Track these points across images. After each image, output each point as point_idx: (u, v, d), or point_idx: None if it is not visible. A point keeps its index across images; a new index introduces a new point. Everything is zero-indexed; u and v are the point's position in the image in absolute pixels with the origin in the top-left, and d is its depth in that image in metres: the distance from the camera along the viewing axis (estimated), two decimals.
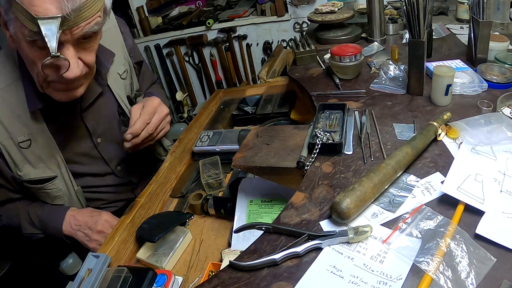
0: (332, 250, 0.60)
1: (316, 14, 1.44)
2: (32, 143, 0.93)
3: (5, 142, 0.90)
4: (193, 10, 3.09)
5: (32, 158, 0.94)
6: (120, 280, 0.74)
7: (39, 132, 0.93)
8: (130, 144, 0.94)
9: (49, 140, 0.95)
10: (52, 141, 0.96)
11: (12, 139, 0.90)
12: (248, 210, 0.88)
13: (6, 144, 0.90)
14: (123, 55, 1.12)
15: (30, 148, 0.93)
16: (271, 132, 0.90)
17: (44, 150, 0.95)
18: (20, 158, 0.93)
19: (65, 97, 0.87)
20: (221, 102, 1.48)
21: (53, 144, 0.96)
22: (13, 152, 0.92)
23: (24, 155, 0.93)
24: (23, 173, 0.94)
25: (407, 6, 0.89)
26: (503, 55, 1.01)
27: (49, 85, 0.84)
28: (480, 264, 0.53)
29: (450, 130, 0.78)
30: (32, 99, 0.90)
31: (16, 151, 0.92)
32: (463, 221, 0.60)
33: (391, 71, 1.04)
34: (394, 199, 0.67)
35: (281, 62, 1.66)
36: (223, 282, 0.59)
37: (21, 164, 0.93)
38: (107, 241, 0.84)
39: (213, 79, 3.07)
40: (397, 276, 0.54)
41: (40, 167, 0.96)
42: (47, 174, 0.97)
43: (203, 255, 0.86)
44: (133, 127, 0.93)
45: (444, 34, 1.30)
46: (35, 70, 0.82)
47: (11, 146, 0.91)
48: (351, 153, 0.79)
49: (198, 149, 1.16)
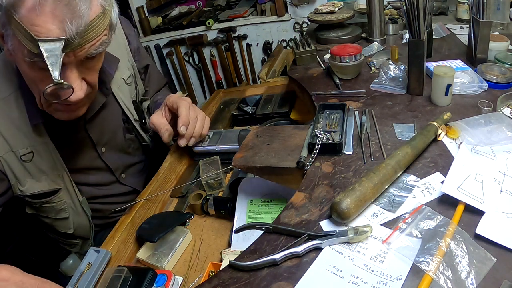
0: (332, 250, 0.60)
1: (316, 14, 1.44)
2: (35, 156, 0.89)
3: (6, 156, 0.86)
4: (193, 10, 3.09)
5: (35, 171, 0.91)
6: (120, 280, 0.74)
7: (42, 144, 0.90)
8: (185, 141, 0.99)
9: (53, 152, 0.92)
10: (56, 153, 0.92)
11: (14, 152, 0.87)
12: (248, 210, 0.88)
13: (7, 158, 0.86)
14: (127, 58, 1.09)
15: (32, 161, 0.89)
16: (271, 132, 0.90)
17: (47, 163, 0.92)
18: (22, 172, 0.89)
19: (66, 117, 0.85)
20: (221, 102, 1.48)
21: (57, 156, 0.93)
22: (14, 166, 0.88)
23: (27, 168, 0.89)
24: (26, 187, 0.90)
25: (407, 6, 0.89)
26: (503, 55, 1.01)
27: (50, 105, 0.81)
28: (480, 264, 0.53)
29: (450, 130, 0.78)
30: (33, 113, 0.86)
31: (18, 165, 0.88)
32: (463, 221, 0.60)
33: (391, 71, 1.04)
34: (394, 199, 0.67)
35: (281, 62, 1.66)
36: (223, 282, 0.59)
37: (23, 179, 0.89)
38: (107, 241, 0.84)
39: (213, 79, 3.07)
40: (397, 276, 0.54)
41: (43, 180, 0.92)
42: (51, 187, 0.93)
43: (203, 255, 0.86)
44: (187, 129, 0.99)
45: (444, 34, 1.30)
46: (35, 90, 0.79)
47: (12, 159, 0.87)
48: (351, 153, 0.79)
49: (198, 149, 1.16)
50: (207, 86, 3.12)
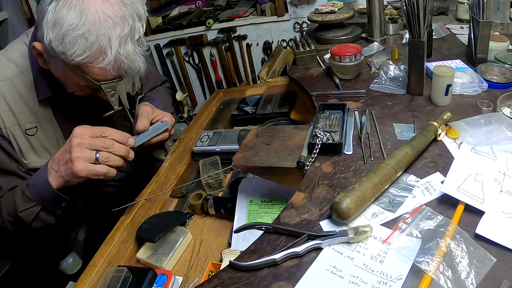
0: (332, 250, 0.60)
1: (316, 14, 1.44)
2: (38, 131, 0.94)
3: (12, 128, 0.91)
4: (193, 10, 3.08)
5: (38, 146, 0.95)
6: (120, 280, 0.74)
7: (46, 121, 0.94)
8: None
9: (55, 129, 0.96)
10: (58, 130, 0.96)
11: (20, 126, 0.91)
12: (248, 210, 0.88)
13: (14, 131, 0.91)
14: None
15: (36, 136, 0.94)
16: (271, 132, 0.90)
17: (49, 140, 0.96)
18: (26, 145, 0.93)
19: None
20: (221, 102, 1.48)
21: (59, 133, 0.97)
22: (19, 139, 0.92)
23: (30, 142, 0.94)
24: (28, 161, 0.95)
25: (407, 6, 0.89)
26: (503, 55, 1.01)
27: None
28: (480, 264, 0.53)
29: (450, 130, 0.78)
30: (41, 88, 0.91)
31: (22, 138, 0.92)
32: (463, 221, 0.60)
33: (391, 71, 1.04)
34: (394, 199, 0.67)
35: (281, 62, 1.66)
36: (223, 282, 0.59)
37: (27, 152, 0.94)
38: (107, 241, 0.84)
39: (213, 79, 3.07)
40: (397, 276, 0.54)
41: (44, 156, 0.96)
42: None
43: (203, 255, 0.86)
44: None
45: (444, 34, 1.30)
46: (72, 86, 0.86)
47: (18, 133, 0.92)
48: (351, 153, 0.79)
49: (198, 149, 1.16)
50: (207, 86, 3.12)
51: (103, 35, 0.74)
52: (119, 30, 0.75)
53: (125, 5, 0.77)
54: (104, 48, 0.74)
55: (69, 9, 0.72)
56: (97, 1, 0.74)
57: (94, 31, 0.73)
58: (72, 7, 0.72)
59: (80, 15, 0.72)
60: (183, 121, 3.05)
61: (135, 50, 0.79)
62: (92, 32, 0.73)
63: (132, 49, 0.78)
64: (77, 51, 0.73)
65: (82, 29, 0.72)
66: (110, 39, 0.74)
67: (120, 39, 0.76)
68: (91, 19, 0.73)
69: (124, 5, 0.77)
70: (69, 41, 0.73)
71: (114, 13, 0.75)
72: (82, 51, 0.73)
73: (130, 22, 0.77)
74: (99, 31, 0.73)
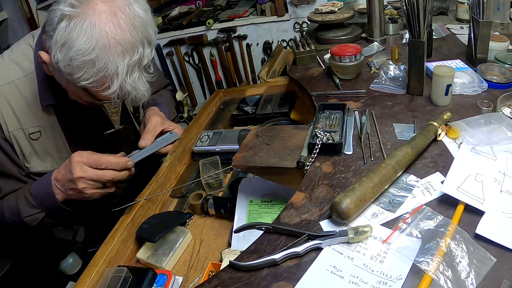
0: (332, 250, 0.60)
1: (316, 14, 1.44)
2: (42, 136, 0.94)
3: (16, 133, 0.91)
4: (193, 10, 3.08)
5: (41, 150, 0.95)
6: (120, 280, 0.74)
7: (50, 125, 0.94)
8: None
9: (59, 134, 0.96)
10: (62, 135, 0.97)
11: (23, 130, 0.91)
12: (248, 210, 0.88)
13: (17, 135, 0.91)
14: None
15: (39, 140, 0.94)
16: (271, 132, 0.90)
17: (53, 144, 0.96)
18: (29, 149, 0.94)
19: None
20: (221, 102, 1.48)
21: (62, 139, 0.97)
22: (22, 143, 0.92)
23: (33, 147, 0.94)
24: (31, 165, 0.95)
25: (407, 6, 0.89)
26: (503, 55, 1.01)
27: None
28: (480, 264, 0.53)
29: (450, 130, 0.78)
30: (45, 94, 0.91)
31: (26, 142, 0.93)
32: (463, 221, 0.60)
33: (391, 71, 1.04)
34: (394, 199, 0.67)
35: (281, 62, 1.66)
36: (223, 282, 0.59)
37: (29, 156, 0.94)
38: (107, 241, 0.84)
39: (213, 79, 3.07)
40: (397, 276, 0.54)
41: (47, 160, 0.96)
42: (54, 168, 0.96)
43: (203, 255, 0.86)
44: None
45: (444, 34, 1.30)
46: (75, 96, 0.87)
47: (21, 137, 0.92)
48: (351, 153, 0.79)
49: (198, 149, 1.16)
50: (207, 86, 3.12)
51: (111, 62, 0.73)
52: (128, 58, 0.75)
53: (136, 29, 0.76)
54: (111, 76, 0.74)
55: (80, 32, 0.71)
56: (110, 25, 0.72)
57: (102, 58, 0.72)
58: (83, 31, 0.71)
59: (90, 40, 0.71)
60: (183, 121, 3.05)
61: (141, 77, 0.80)
62: (101, 59, 0.72)
63: (139, 76, 0.79)
64: (84, 75, 0.73)
65: (91, 55, 0.71)
66: (118, 67, 0.74)
67: (127, 67, 0.75)
68: (101, 44, 0.72)
69: (136, 29, 0.76)
70: (77, 65, 0.72)
71: (125, 40, 0.74)
72: (89, 76, 0.73)
73: (140, 49, 0.77)
74: (107, 58, 0.72)
